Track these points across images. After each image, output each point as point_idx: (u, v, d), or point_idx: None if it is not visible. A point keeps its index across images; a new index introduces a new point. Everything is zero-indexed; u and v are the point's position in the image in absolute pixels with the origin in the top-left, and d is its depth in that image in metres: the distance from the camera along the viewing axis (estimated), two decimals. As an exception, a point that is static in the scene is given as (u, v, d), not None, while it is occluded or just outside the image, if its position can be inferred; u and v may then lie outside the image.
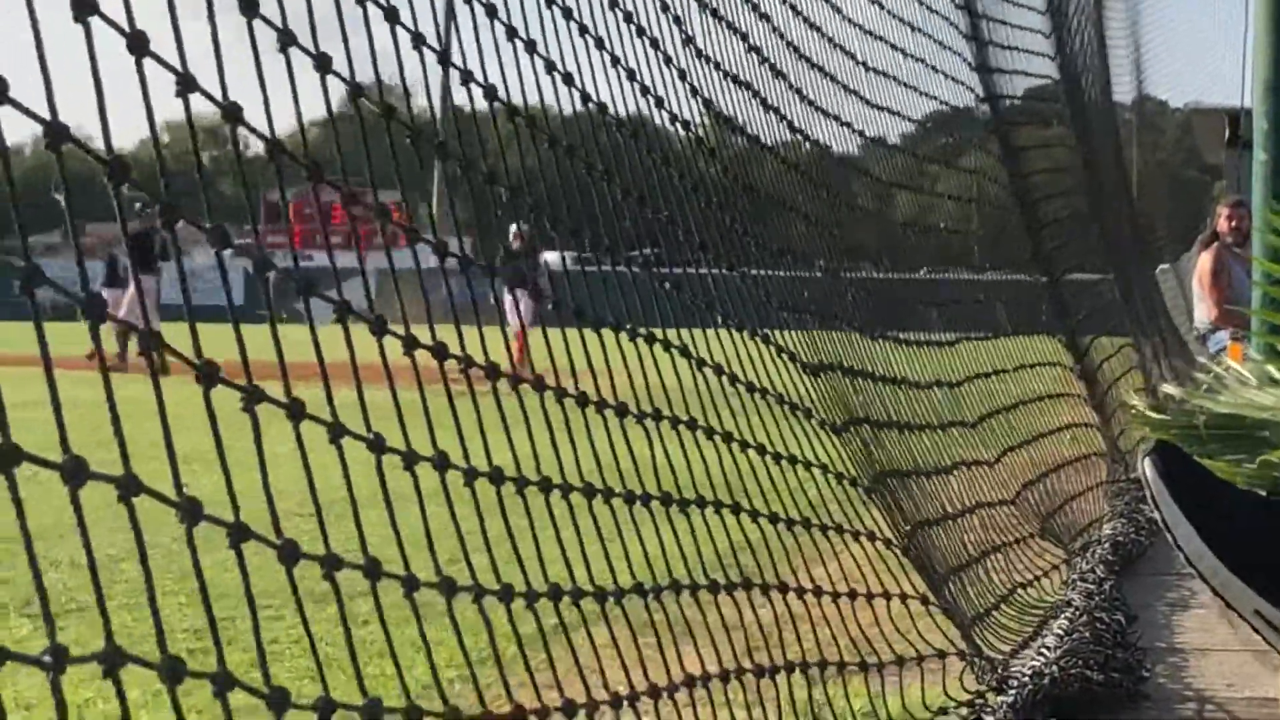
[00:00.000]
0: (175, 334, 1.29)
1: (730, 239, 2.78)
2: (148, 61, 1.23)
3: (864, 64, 4.48)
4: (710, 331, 2.54)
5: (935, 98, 5.56)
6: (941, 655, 3.25)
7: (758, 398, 2.60)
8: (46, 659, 1.03)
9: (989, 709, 3.18)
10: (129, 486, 1.12)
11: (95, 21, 1.17)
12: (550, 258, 2.51)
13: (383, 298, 1.59)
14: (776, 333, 2.84)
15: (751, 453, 2.49)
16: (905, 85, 5.03)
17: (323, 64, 1.50)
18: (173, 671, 1.13)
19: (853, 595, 2.92)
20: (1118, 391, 6.54)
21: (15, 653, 1.02)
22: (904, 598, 3.16)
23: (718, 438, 2.33)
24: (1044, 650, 3.53)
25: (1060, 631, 3.73)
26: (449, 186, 1.84)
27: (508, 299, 2.14)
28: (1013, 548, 4.25)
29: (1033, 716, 3.20)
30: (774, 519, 2.54)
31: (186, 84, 1.27)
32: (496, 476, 1.65)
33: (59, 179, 1.15)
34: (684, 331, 2.39)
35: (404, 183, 1.76)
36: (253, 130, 1.37)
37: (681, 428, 2.19)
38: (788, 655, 2.58)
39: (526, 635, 1.80)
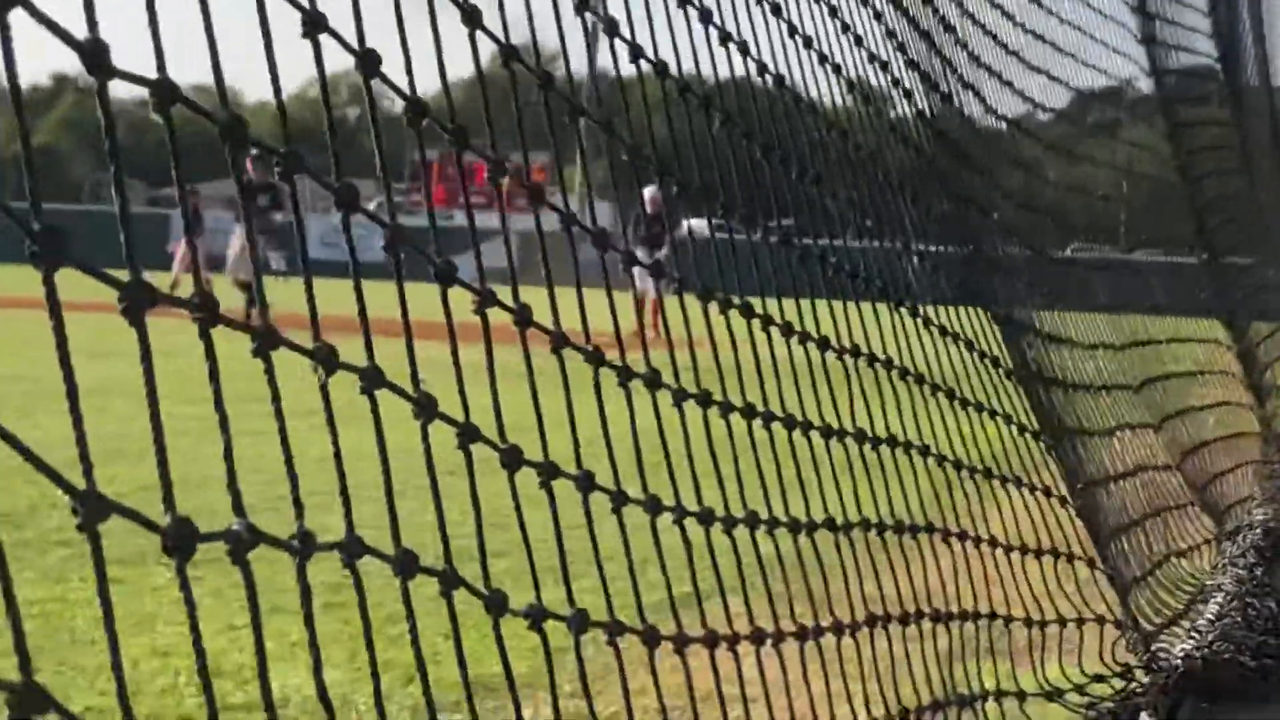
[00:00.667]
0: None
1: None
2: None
3: (1032, 32, 4.37)
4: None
5: (1102, 70, 5.40)
6: (1100, 621, 3.19)
7: (949, 342, 2.55)
8: (295, 544, 1.07)
9: (1139, 686, 3.11)
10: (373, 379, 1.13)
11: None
12: (695, 224, 2.28)
13: (524, 258, 1.49)
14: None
15: (941, 398, 2.44)
16: (1072, 55, 4.89)
17: (472, 19, 1.41)
18: (405, 567, 1.14)
19: (1023, 550, 2.87)
20: (1274, 374, 6.39)
21: (284, 535, 1.01)
22: (1071, 558, 3.10)
23: (910, 379, 2.30)
24: (1195, 633, 3.46)
25: (1211, 616, 3.66)
26: (600, 151, 1.74)
27: (636, 267, 1.95)
28: (1167, 516, 4.17)
29: (1183, 698, 3.14)
30: (958, 465, 2.50)
31: (315, 24, 1.19)
32: (747, 412, 1.65)
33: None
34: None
35: (556, 145, 1.64)
36: (392, 85, 1.29)
37: (879, 367, 2.16)
38: (960, 605, 2.55)
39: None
